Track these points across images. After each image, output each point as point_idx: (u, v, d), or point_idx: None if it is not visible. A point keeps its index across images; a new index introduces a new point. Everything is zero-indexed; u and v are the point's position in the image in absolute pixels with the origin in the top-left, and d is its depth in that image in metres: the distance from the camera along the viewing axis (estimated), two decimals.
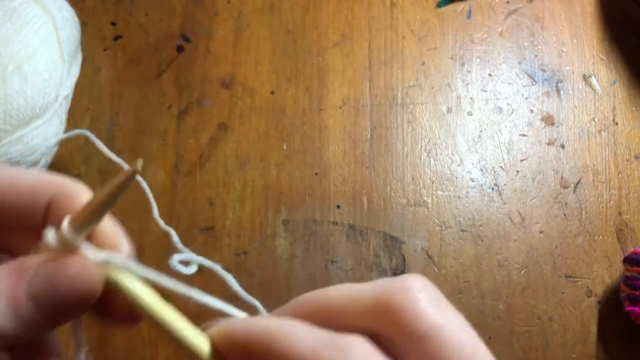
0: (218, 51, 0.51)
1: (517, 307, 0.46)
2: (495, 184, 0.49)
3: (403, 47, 0.52)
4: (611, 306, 0.46)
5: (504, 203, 0.48)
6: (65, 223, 0.18)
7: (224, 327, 0.20)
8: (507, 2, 0.53)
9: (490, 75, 0.52)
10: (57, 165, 0.48)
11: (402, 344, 0.18)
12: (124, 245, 0.20)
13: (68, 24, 0.46)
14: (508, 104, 0.51)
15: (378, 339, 0.19)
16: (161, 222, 0.28)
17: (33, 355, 0.21)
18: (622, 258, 0.46)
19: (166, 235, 0.46)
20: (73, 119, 0.49)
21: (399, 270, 0.46)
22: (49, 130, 0.44)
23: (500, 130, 0.50)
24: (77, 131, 0.44)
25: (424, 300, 0.18)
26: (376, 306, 0.19)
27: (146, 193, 0.43)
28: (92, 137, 0.41)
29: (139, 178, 0.44)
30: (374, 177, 0.48)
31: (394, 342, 0.18)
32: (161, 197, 0.47)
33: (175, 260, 0.23)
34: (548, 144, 0.50)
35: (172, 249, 0.47)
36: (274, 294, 0.46)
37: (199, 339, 0.19)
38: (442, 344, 0.18)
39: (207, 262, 0.24)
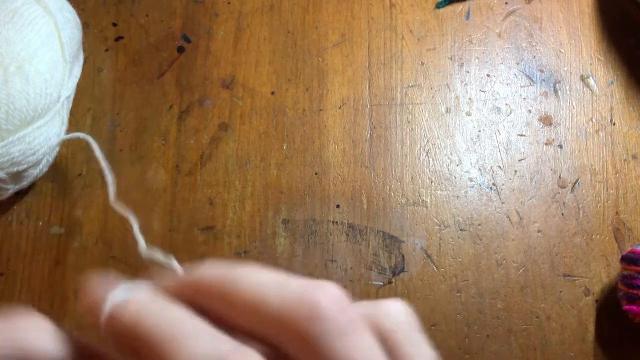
0: (219, 52, 0.52)
1: (516, 306, 0.46)
2: (494, 184, 0.49)
3: (402, 48, 0.52)
4: (609, 305, 0.46)
5: (503, 203, 0.48)
6: None
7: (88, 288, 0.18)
8: (506, 4, 0.54)
9: (488, 76, 0.52)
10: (59, 165, 0.48)
11: None
12: None
13: (70, 24, 0.46)
14: (506, 105, 0.51)
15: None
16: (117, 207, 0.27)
17: None
18: (619, 257, 0.46)
19: (168, 235, 0.47)
20: (75, 120, 0.49)
21: (398, 269, 0.46)
22: (51, 131, 0.44)
23: (498, 131, 0.50)
24: (77, 134, 0.44)
25: (337, 329, 0.16)
26: (282, 323, 0.17)
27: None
28: (92, 141, 0.42)
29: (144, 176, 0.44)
30: (373, 177, 0.49)
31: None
32: (162, 196, 0.48)
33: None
34: (546, 144, 0.50)
35: (173, 250, 0.47)
36: None
37: None
38: None
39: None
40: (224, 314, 0.18)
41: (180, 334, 0.16)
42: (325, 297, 0.17)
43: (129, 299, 0.18)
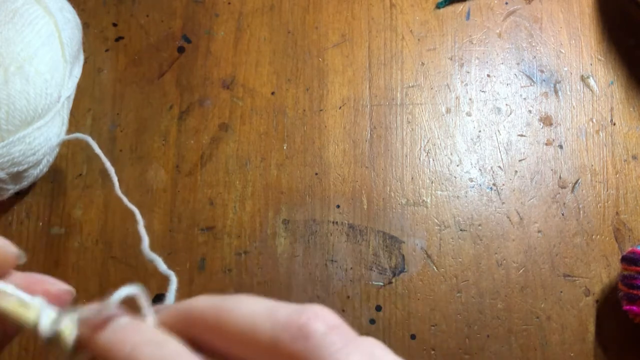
0: (219, 52, 0.52)
1: (516, 306, 0.46)
2: (494, 184, 0.49)
3: (402, 48, 0.52)
4: (609, 305, 0.46)
5: (503, 203, 0.48)
6: None
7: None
8: (506, 4, 0.54)
9: (488, 76, 0.52)
10: (59, 165, 0.48)
11: None
12: None
13: (70, 24, 0.46)
14: (506, 105, 0.51)
15: None
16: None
17: None
18: (619, 257, 0.46)
19: (168, 235, 0.47)
20: (75, 120, 0.49)
21: (398, 269, 0.46)
22: (51, 131, 0.44)
23: (498, 131, 0.50)
24: (77, 134, 0.44)
25: (329, 345, 0.16)
26: (275, 348, 0.17)
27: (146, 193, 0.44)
28: (92, 142, 0.42)
29: (146, 178, 0.44)
30: (373, 177, 0.49)
31: None
32: (162, 197, 0.48)
33: None
34: (546, 144, 0.50)
35: (173, 250, 0.47)
36: (274, 293, 0.46)
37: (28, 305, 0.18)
38: None
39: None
40: (218, 345, 0.18)
41: None
42: (313, 317, 0.17)
43: (124, 336, 0.17)
